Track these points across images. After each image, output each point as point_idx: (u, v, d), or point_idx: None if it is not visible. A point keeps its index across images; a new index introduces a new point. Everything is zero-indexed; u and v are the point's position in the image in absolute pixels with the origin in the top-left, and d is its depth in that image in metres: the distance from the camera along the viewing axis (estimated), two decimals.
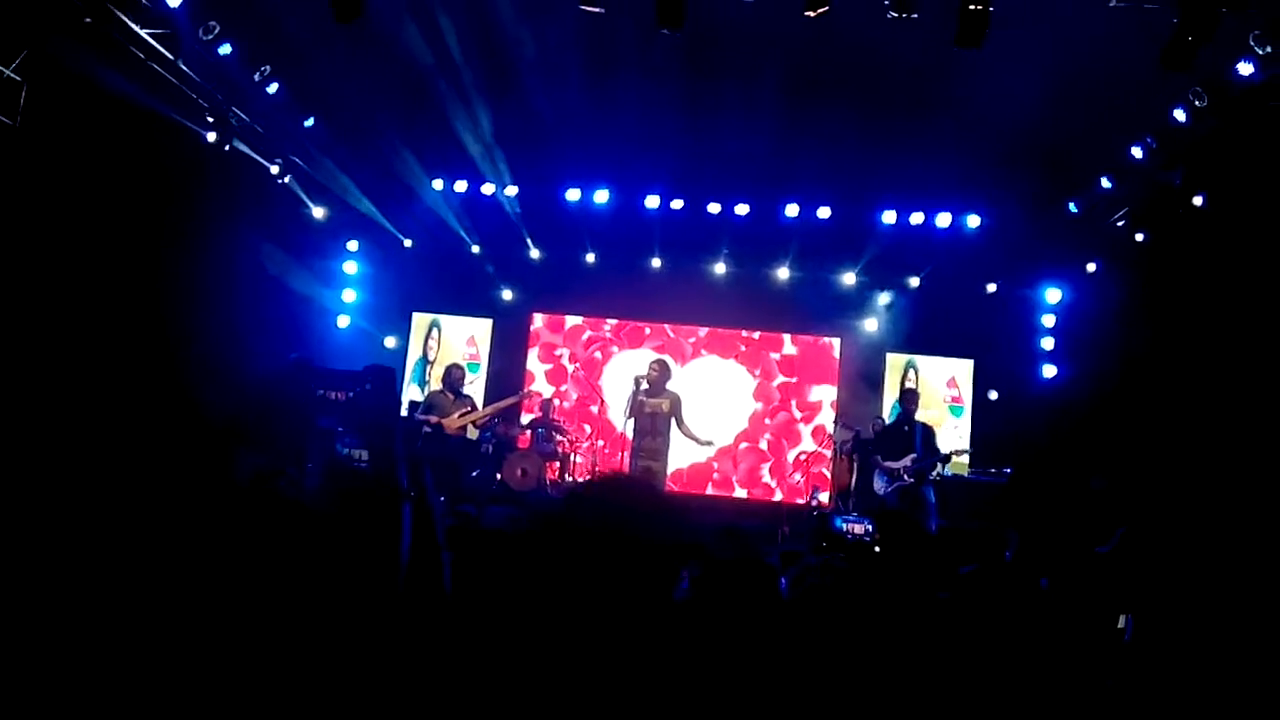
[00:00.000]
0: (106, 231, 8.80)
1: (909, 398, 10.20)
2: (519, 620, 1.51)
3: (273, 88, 10.26)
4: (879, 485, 9.89)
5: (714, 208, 12.44)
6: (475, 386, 12.65)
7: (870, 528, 9.23)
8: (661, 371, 9.34)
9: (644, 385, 9.25)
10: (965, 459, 10.76)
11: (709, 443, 9.87)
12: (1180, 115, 9.00)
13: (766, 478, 13.13)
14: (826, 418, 12.96)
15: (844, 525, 9.54)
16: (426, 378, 13.35)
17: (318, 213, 12.82)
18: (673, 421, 9.28)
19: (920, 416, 10.14)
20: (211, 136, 10.27)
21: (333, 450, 9.65)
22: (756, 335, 13.46)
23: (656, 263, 13.22)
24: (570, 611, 1.50)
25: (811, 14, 7.70)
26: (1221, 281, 9.28)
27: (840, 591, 2.34)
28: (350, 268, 13.63)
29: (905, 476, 9.56)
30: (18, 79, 7.91)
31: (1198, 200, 9.73)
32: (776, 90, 9.63)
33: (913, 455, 9.57)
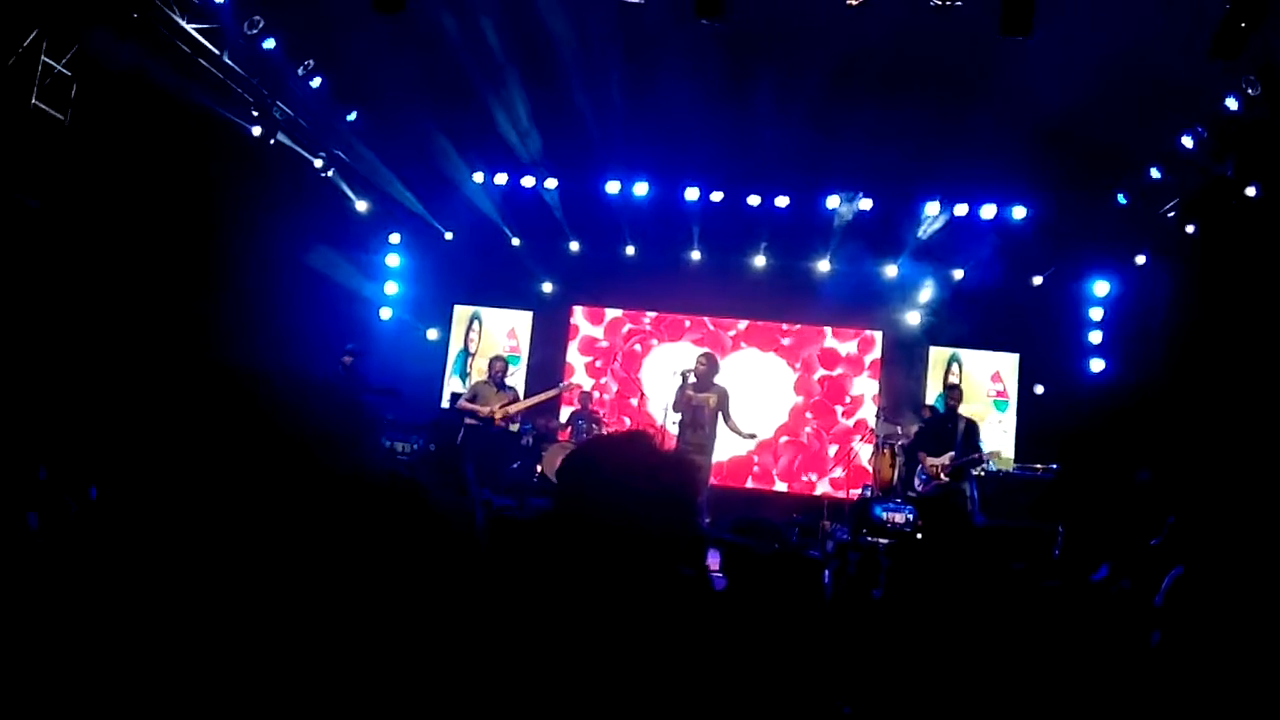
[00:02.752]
0: (153, 224, 8.95)
1: (953, 393, 10.10)
2: (541, 610, 1.50)
3: (316, 82, 10.37)
4: (917, 483, 9.81)
5: (754, 200, 12.37)
6: (516, 379, 12.69)
7: (911, 516, 9.15)
8: (709, 365, 9.32)
9: (691, 379, 9.23)
10: (1009, 455, 10.62)
11: (752, 435, 9.89)
12: (1232, 104, 8.80)
13: (807, 472, 13.05)
14: (868, 411, 12.84)
15: (884, 514, 9.47)
16: (468, 370, 13.42)
17: (360, 206, 12.93)
18: (719, 416, 9.23)
19: (964, 411, 10.03)
20: (256, 131, 10.40)
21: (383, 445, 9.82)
22: (797, 328, 13.37)
23: (696, 255, 13.17)
24: (588, 602, 1.48)
25: (853, 2, 7.63)
26: (1274, 274, 9.07)
27: (885, 585, 2.31)
28: (392, 260, 13.73)
29: (942, 476, 9.46)
30: (68, 74, 8.05)
31: (1250, 191, 9.50)
32: (818, 80, 9.54)
33: (950, 454, 9.46)
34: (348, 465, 1.49)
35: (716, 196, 12.40)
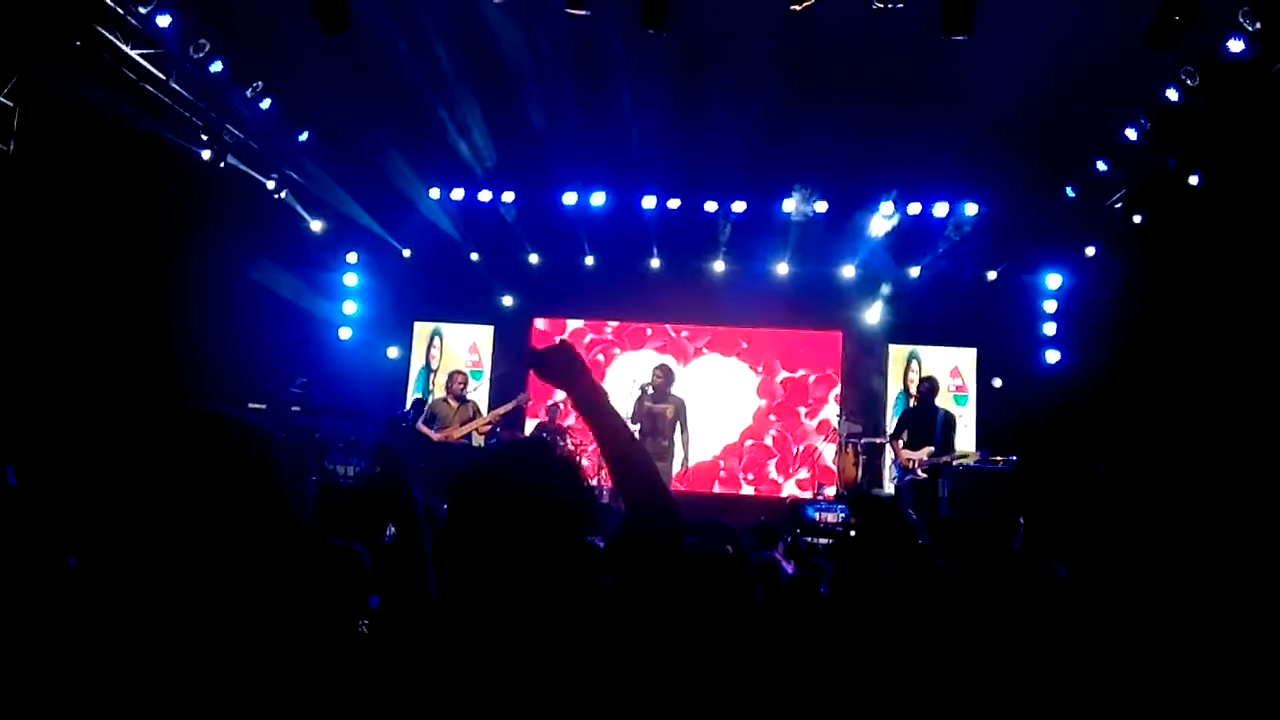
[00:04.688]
0: (105, 253, 8.85)
1: (929, 388, 10.11)
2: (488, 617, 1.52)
3: (265, 103, 10.29)
4: (892, 476, 9.89)
5: (711, 206, 12.42)
6: (479, 393, 12.65)
7: (843, 515, 9.20)
8: (665, 377, 9.58)
9: (649, 390, 9.46)
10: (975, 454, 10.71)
11: (685, 461, 9.90)
12: (1173, 95, 8.97)
13: (773, 474, 13.11)
14: (831, 411, 12.94)
15: (816, 514, 9.51)
16: (430, 386, 13.36)
17: (316, 226, 12.84)
18: (677, 425, 9.51)
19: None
20: (206, 154, 10.31)
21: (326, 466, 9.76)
22: (758, 331, 13.45)
23: (655, 263, 13.21)
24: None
25: (797, 7, 7.71)
26: (1221, 260, 9.25)
27: (831, 583, 2.34)
28: (350, 280, 13.64)
29: (919, 471, 9.52)
30: (10, 104, 7.95)
31: (1194, 180, 9.69)
32: (768, 85, 9.62)
33: (930, 449, 9.53)
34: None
35: (674, 204, 12.45)
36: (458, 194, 12.71)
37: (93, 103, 8.52)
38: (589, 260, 13.26)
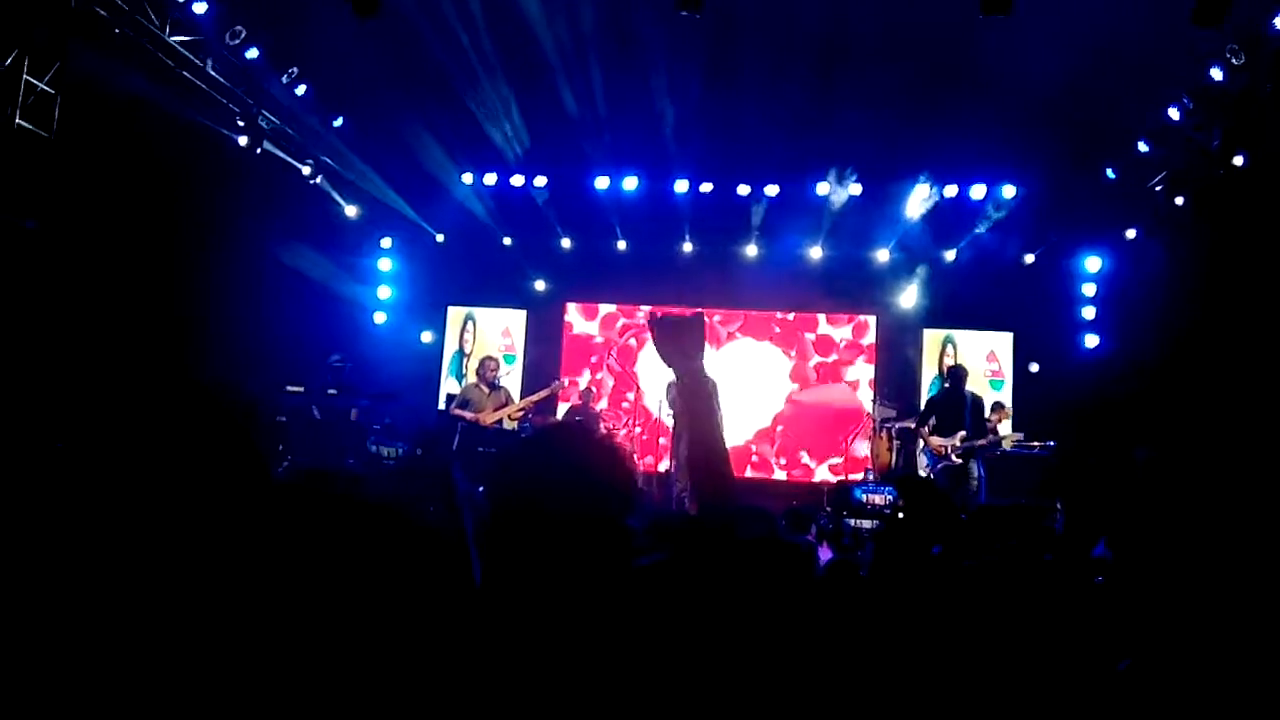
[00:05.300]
0: (142, 238, 8.94)
1: (958, 373, 10.08)
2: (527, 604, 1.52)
3: (300, 89, 10.36)
4: (924, 462, 9.82)
5: (744, 189, 12.35)
6: (511, 378, 12.71)
7: (890, 497, 9.17)
8: None
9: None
10: (1015, 436, 10.62)
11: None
12: (1217, 74, 8.79)
13: (806, 459, 13.07)
14: (865, 396, 12.86)
15: (864, 496, 9.47)
16: (463, 371, 13.42)
17: (350, 211, 12.92)
18: None
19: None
20: (242, 140, 10.39)
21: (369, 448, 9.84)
22: (791, 316, 13.38)
23: (688, 247, 13.17)
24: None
25: None
26: (1266, 243, 9.07)
27: (872, 565, 2.33)
28: (385, 264, 13.73)
29: (953, 456, 9.47)
30: (51, 91, 8.04)
31: (1238, 160, 9.50)
32: (802, 67, 9.54)
33: (961, 433, 9.48)
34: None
35: (706, 187, 12.39)
36: (490, 179, 12.73)
37: (131, 89, 8.61)
38: (621, 245, 13.24)
